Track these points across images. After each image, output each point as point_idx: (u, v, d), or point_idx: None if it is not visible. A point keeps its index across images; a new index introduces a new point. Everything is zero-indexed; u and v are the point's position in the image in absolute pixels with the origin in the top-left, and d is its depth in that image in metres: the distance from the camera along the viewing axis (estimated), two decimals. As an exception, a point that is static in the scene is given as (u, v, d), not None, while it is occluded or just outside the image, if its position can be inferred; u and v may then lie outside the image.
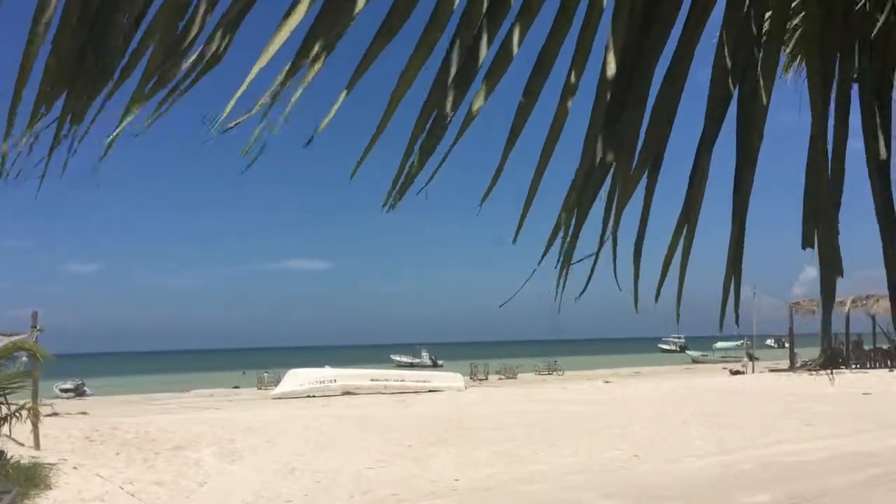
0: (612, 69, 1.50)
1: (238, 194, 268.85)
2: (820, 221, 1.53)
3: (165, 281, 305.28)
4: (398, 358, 70.56)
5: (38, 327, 13.22)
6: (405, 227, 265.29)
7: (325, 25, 1.32)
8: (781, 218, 1.62)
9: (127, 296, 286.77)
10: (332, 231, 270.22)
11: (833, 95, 1.56)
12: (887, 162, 1.54)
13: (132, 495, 10.30)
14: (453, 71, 1.43)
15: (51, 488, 10.17)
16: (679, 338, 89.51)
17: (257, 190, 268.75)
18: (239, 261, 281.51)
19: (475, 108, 1.46)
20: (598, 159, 1.54)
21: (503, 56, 1.47)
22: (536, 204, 1.58)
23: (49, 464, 11.61)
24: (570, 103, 1.53)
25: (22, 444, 12.54)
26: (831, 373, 32.68)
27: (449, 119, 1.44)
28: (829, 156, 1.54)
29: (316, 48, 1.32)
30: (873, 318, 36.19)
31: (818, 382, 28.84)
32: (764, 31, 1.55)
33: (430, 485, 10.71)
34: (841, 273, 1.53)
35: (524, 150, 1.55)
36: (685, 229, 1.61)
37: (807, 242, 1.54)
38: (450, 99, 1.44)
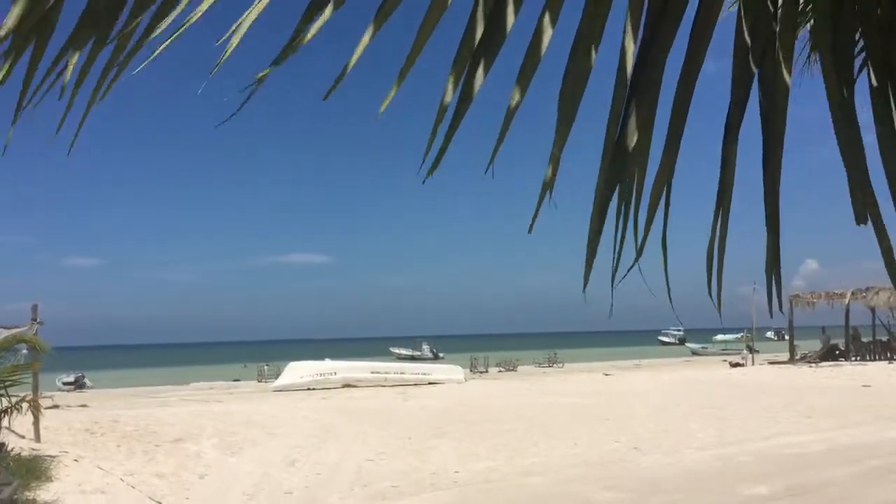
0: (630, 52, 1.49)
1: (239, 189, 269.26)
2: (869, 198, 1.52)
3: (166, 275, 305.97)
4: (397, 350, 70.50)
5: (38, 320, 13.23)
6: (405, 220, 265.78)
7: None
8: (781, 211, 1.61)
9: (128, 290, 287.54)
10: (332, 225, 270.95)
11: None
12: None
13: (133, 487, 10.31)
14: (477, 39, 1.43)
15: (51, 480, 10.18)
16: (679, 330, 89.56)
17: (258, 184, 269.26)
18: (240, 255, 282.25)
19: (513, 103, 1.46)
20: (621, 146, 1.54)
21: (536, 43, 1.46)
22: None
23: (50, 456, 11.63)
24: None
25: (23, 437, 12.57)
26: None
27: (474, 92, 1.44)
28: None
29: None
30: (873, 310, 36.22)
31: (818, 375, 28.90)
32: (779, 6, 1.54)
33: (430, 477, 10.73)
34: None
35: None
36: (720, 215, 1.61)
37: (860, 220, 1.53)
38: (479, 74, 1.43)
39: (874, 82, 1.54)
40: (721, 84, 1.60)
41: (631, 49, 1.50)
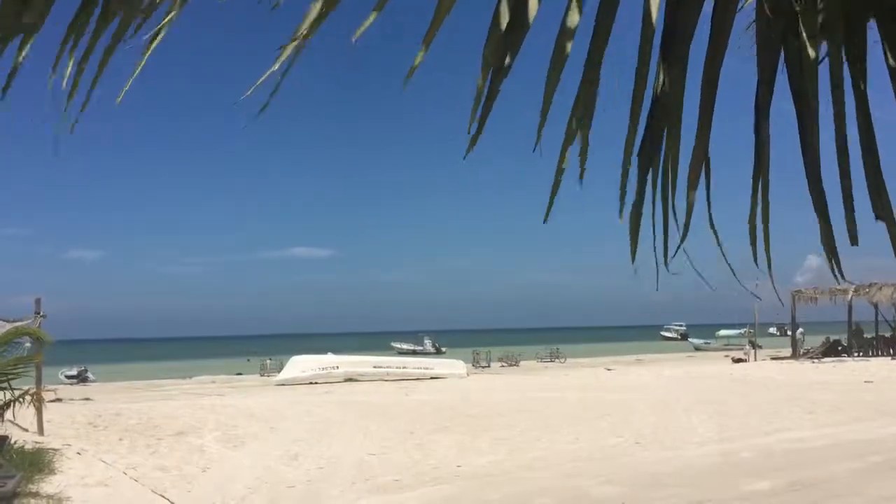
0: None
1: (242, 182, 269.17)
2: (882, 194, 1.52)
3: (169, 268, 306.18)
4: (399, 345, 70.46)
5: (41, 313, 13.26)
6: (407, 215, 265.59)
7: None
8: (782, 205, 1.61)
9: (130, 283, 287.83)
10: (335, 219, 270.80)
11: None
12: None
13: (135, 480, 10.34)
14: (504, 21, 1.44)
15: (54, 473, 10.22)
16: (681, 325, 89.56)
17: (261, 178, 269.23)
18: (243, 248, 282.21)
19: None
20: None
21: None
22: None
23: (53, 449, 11.67)
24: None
25: (26, 430, 12.61)
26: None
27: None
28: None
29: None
30: (875, 306, 36.17)
31: (820, 370, 28.88)
32: None
33: (432, 471, 10.75)
34: None
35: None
36: (759, 189, 1.63)
37: (878, 216, 1.55)
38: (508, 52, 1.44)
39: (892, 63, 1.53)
40: (742, 80, 1.61)
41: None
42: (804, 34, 1.50)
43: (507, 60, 1.45)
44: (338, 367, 29.37)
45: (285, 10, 1.38)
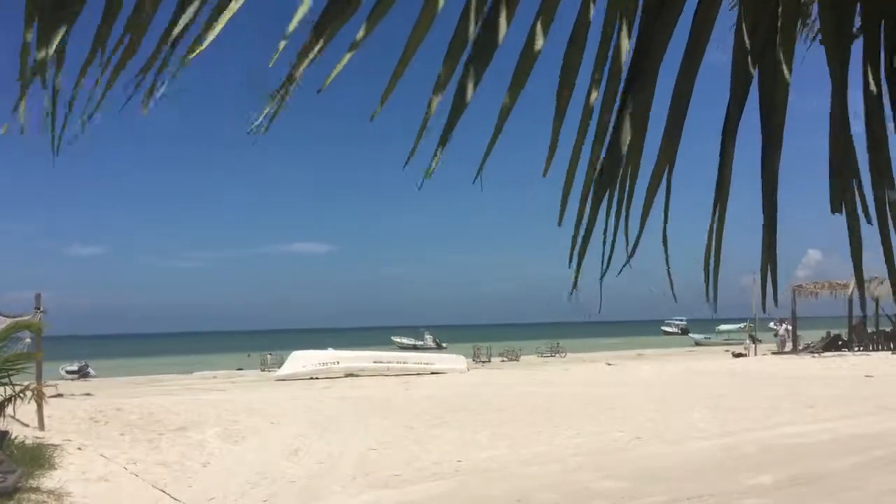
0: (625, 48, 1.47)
1: (242, 178, 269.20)
2: (846, 188, 1.49)
3: (169, 263, 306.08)
4: (400, 340, 70.44)
5: (41, 309, 13.26)
6: (409, 210, 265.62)
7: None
8: (784, 201, 1.60)
9: (131, 278, 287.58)
10: (335, 214, 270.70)
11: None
12: None
13: (136, 475, 10.36)
14: (469, 47, 1.39)
15: (55, 468, 10.22)
16: (681, 320, 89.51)
17: (261, 174, 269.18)
18: (244, 243, 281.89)
19: (507, 103, 1.43)
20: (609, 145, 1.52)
21: (528, 49, 1.43)
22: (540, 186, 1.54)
23: (53, 444, 11.67)
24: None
25: (26, 425, 12.63)
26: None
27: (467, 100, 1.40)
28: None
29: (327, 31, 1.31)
30: (876, 300, 36.13)
31: (820, 365, 28.89)
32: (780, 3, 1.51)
33: (432, 466, 10.76)
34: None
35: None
36: (716, 212, 1.59)
37: (835, 209, 1.51)
38: (469, 84, 1.40)
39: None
40: (724, 75, 1.58)
41: (625, 45, 1.49)
42: (780, 52, 1.48)
43: (471, 84, 1.39)
44: (338, 363, 29.38)
45: (283, 11, 1.36)
